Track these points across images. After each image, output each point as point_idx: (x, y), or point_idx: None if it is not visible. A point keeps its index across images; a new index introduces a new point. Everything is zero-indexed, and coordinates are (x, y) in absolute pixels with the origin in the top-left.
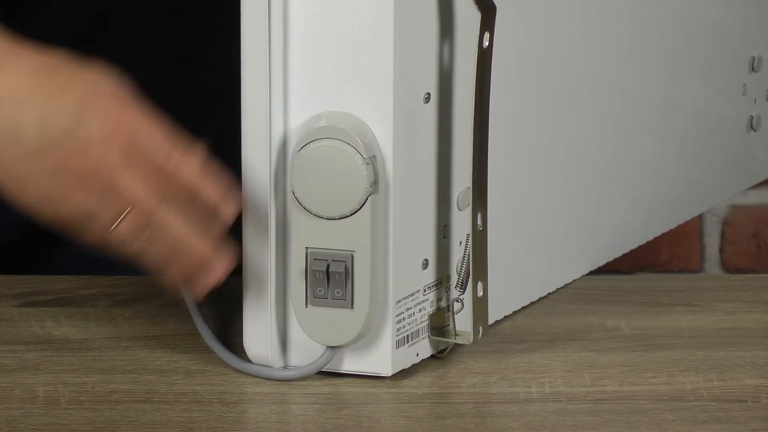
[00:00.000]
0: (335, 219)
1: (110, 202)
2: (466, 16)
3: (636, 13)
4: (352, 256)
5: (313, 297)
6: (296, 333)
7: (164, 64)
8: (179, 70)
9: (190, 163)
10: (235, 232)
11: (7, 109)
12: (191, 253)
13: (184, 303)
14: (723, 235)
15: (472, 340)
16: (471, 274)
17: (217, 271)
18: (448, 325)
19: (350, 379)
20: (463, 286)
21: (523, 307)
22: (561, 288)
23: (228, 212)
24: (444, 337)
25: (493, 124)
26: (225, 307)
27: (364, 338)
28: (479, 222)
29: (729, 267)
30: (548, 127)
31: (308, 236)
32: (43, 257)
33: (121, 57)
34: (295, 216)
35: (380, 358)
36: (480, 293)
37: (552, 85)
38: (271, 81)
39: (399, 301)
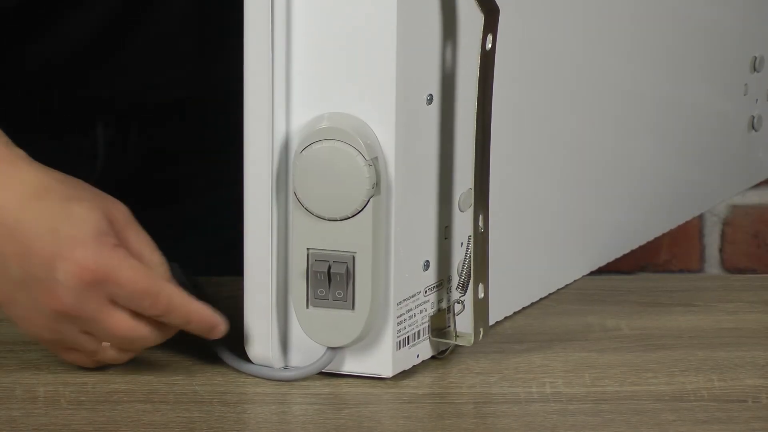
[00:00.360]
0: (337, 220)
1: (85, 341)
2: (469, 17)
3: (637, 13)
4: (354, 257)
5: (314, 298)
6: (297, 333)
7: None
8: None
9: (169, 313)
10: (236, 232)
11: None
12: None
13: None
14: (723, 235)
15: (472, 341)
16: (472, 275)
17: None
18: (449, 326)
19: (351, 380)
20: (464, 288)
21: (524, 308)
22: (561, 288)
23: (218, 335)
24: (444, 338)
25: (494, 124)
26: (225, 307)
27: (365, 339)
28: (481, 224)
29: (729, 267)
30: (549, 128)
31: (309, 237)
32: None
33: (144, 52)
34: (297, 217)
35: (381, 360)
36: (481, 295)
37: (553, 86)
38: (273, 82)
39: (400, 303)
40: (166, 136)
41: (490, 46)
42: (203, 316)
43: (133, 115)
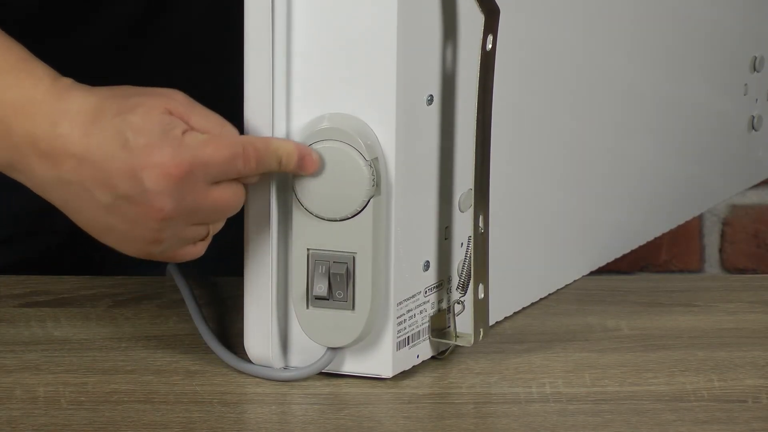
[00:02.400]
0: (337, 220)
1: (194, 231)
2: (469, 18)
3: (637, 13)
4: (354, 258)
5: (315, 298)
6: (297, 334)
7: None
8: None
9: (261, 161)
10: (236, 232)
11: (69, 164)
12: None
13: (184, 303)
14: (723, 235)
15: (472, 342)
16: (472, 275)
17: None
18: (449, 326)
19: (351, 380)
20: (464, 288)
21: (524, 308)
22: (561, 288)
23: (312, 167)
24: (444, 338)
25: (494, 125)
26: (225, 307)
27: (365, 339)
28: (481, 224)
29: (729, 267)
30: (549, 128)
31: (310, 237)
32: (92, 258)
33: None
34: (297, 217)
35: (381, 360)
36: (481, 295)
37: (553, 87)
38: (274, 82)
39: (400, 303)
40: None
41: (490, 46)
42: (290, 150)
43: None
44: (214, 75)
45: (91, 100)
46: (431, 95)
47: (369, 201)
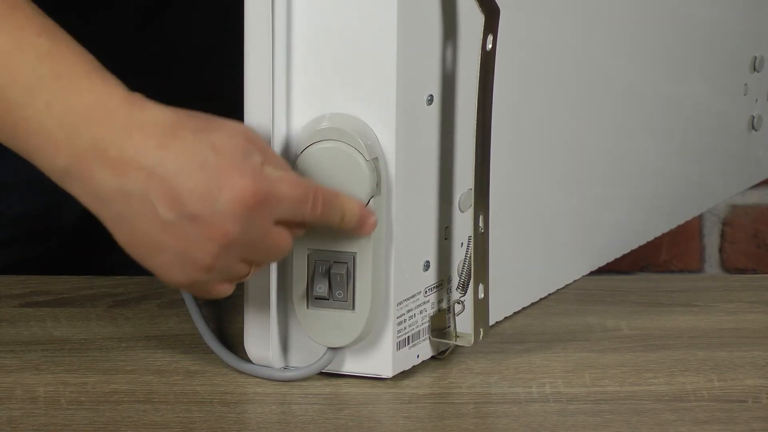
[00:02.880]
0: None
1: (241, 269)
2: (470, 18)
3: (637, 13)
4: (354, 258)
5: (315, 298)
6: (297, 334)
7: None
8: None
9: (327, 211)
10: None
11: (137, 176)
12: None
13: (184, 303)
14: (723, 235)
15: (472, 342)
16: (472, 275)
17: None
18: (449, 326)
19: (351, 380)
20: (464, 288)
21: (524, 308)
22: (561, 288)
23: (370, 230)
24: (444, 338)
25: (494, 125)
26: (225, 307)
27: (365, 339)
28: (481, 224)
29: (729, 267)
30: (549, 128)
31: (310, 237)
32: (92, 258)
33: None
34: None
35: (381, 360)
36: (481, 295)
37: (553, 87)
38: (274, 83)
39: (400, 303)
40: None
41: (490, 46)
42: (355, 208)
43: None
44: (214, 74)
45: (169, 115)
46: (431, 95)
47: (369, 201)
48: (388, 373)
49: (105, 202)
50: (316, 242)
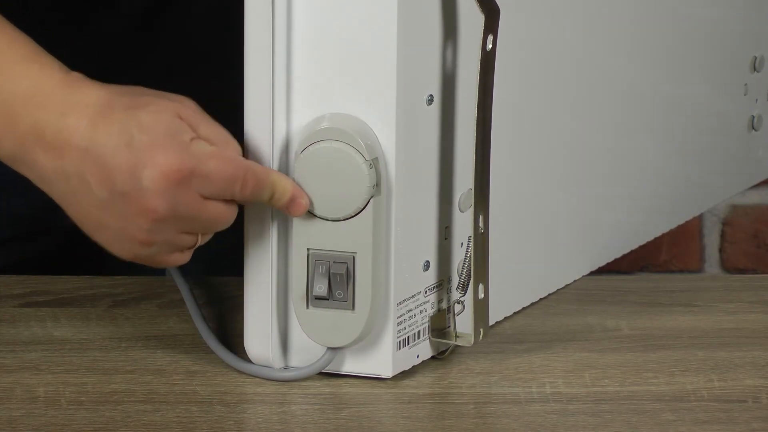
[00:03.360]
0: (337, 220)
1: (184, 239)
2: (470, 18)
3: (637, 13)
4: (354, 258)
5: (315, 298)
6: (297, 334)
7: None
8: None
9: (258, 191)
10: (236, 232)
11: (72, 156)
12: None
13: (184, 303)
14: (723, 235)
15: (472, 342)
16: (472, 275)
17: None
18: (449, 326)
19: (351, 380)
20: (464, 288)
21: (524, 308)
22: (561, 288)
23: (301, 210)
24: (444, 338)
25: (494, 125)
26: (225, 307)
27: (365, 340)
28: (481, 224)
29: (729, 267)
30: (549, 128)
31: (310, 237)
32: (92, 258)
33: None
34: (297, 217)
35: (381, 360)
36: (481, 295)
37: (553, 87)
38: (274, 83)
39: (400, 303)
40: None
41: (490, 46)
42: (287, 186)
43: None
44: (214, 74)
45: (102, 94)
46: (431, 95)
47: (369, 201)
48: (388, 373)
49: (49, 183)
50: (316, 242)
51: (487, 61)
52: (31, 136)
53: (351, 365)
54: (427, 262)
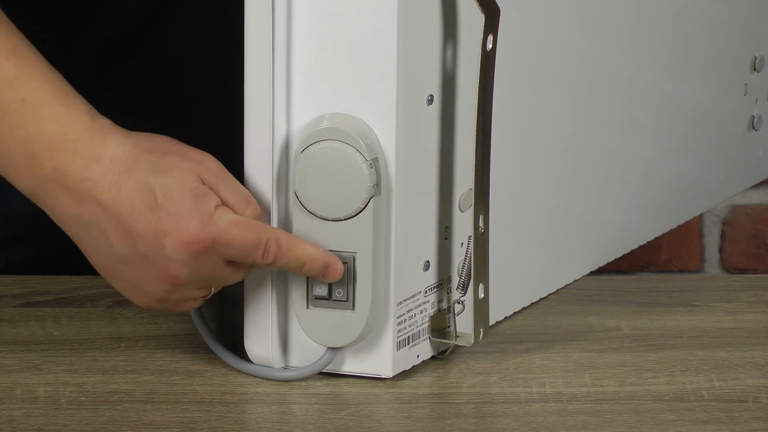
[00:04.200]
0: (337, 220)
1: (200, 293)
2: (470, 17)
3: (638, 13)
4: (354, 258)
5: (315, 298)
6: (297, 334)
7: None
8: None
9: (281, 259)
10: None
11: (94, 208)
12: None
13: None
14: (723, 235)
15: (472, 341)
16: (472, 275)
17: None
18: (449, 326)
19: (351, 380)
20: (464, 288)
21: (524, 308)
22: (561, 288)
23: (336, 275)
24: (445, 338)
25: (494, 124)
26: (225, 307)
27: (365, 339)
28: (481, 224)
29: (729, 267)
30: (549, 128)
31: (310, 237)
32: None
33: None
34: (298, 217)
35: (381, 360)
36: (481, 295)
37: (553, 86)
38: (274, 82)
39: (400, 303)
40: (178, 136)
41: (490, 46)
42: (317, 254)
43: (153, 112)
44: (214, 74)
45: (127, 150)
46: (431, 95)
47: (369, 201)
48: (388, 373)
49: (68, 226)
50: (315, 242)
51: (487, 61)
52: (53, 179)
53: (351, 365)
54: (427, 262)
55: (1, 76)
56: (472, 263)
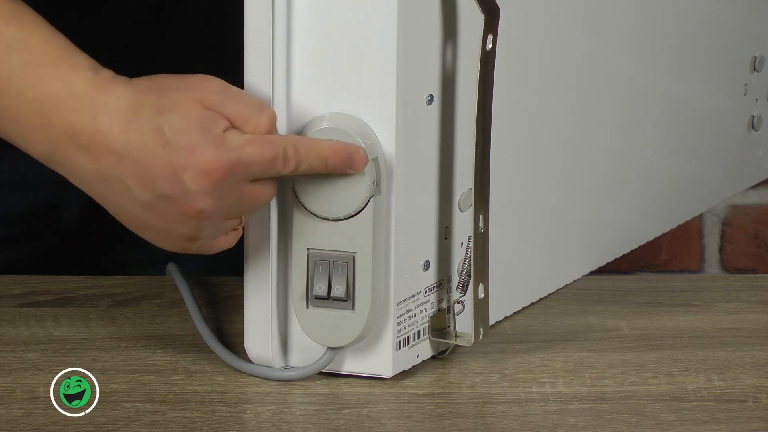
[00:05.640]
0: (337, 220)
1: (230, 224)
2: (470, 17)
3: (638, 13)
4: (354, 258)
5: (315, 298)
6: (297, 334)
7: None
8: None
9: (303, 163)
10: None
11: (110, 160)
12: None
13: (184, 303)
14: (723, 235)
15: (472, 341)
16: (472, 275)
17: None
18: (449, 326)
19: (351, 380)
20: (464, 288)
21: (524, 308)
22: (561, 288)
23: (362, 163)
24: (444, 338)
25: (494, 124)
26: (225, 307)
27: (365, 339)
28: (481, 224)
29: (729, 267)
30: (549, 128)
31: (310, 237)
32: (91, 258)
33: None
34: (297, 217)
35: (381, 360)
36: (481, 295)
37: (553, 86)
38: (274, 82)
39: (400, 303)
40: None
41: (490, 46)
42: (337, 150)
43: None
44: (214, 75)
45: (130, 95)
46: (431, 95)
47: (369, 200)
48: (388, 372)
49: (89, 184)
50: (316, 242)
51: (487, 61)
52: (66, 138)
53: (351, 365)
54: (427, 261)
55: (5, 41)
56: (472, 263)
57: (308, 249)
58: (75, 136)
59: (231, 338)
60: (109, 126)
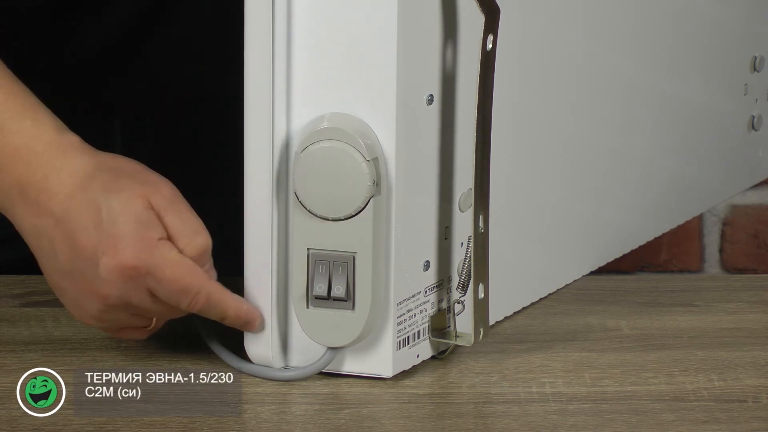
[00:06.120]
0: (337, 220)
1: (136, 321)
2: (470, 18)
3: (638, 13)
4: (354, 258)
5: (315, 298)
6: (297, 334)
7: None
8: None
9: (206, 311)
10: (236, 232)
11: (48, 220)
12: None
13: None
14: (723, 235)
15: (472, 341)
16: (472, 275)
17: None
18: (449, 326)
19: (351, 380)
20: (464, 288)
21: (524, 308)
22: (561, 288)
23: (257, 328)
24: (444, 338)
25: (494, 124)
26: None
27: (365, 339)
28: (481, 224)
29: (729, 267)
30: (549, 128)
31: (310, 237)
32: None
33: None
34: (297, 217)
35: (381, 360)
36: (481, 295)
37: (553, 86)
38: (274, 82)
39: (400, 303)
40: (178, 136)
41: (490, 46)
42: (240, 312)
43: (150, 113)
44: (214, 75)
45: (88, 165)
46: (431, 95)
47: (369, 201)
48: (388, 372)
49: (26, 235)
50: (316, 242)
51: (487, 61)
52: (16, 190)
53: (351, 365)
54: (427, 261)
55: None
56: (472, 263)
57: (308, 249)
58: (24, 191)
59: (231, 338)
60: (57, 189)
